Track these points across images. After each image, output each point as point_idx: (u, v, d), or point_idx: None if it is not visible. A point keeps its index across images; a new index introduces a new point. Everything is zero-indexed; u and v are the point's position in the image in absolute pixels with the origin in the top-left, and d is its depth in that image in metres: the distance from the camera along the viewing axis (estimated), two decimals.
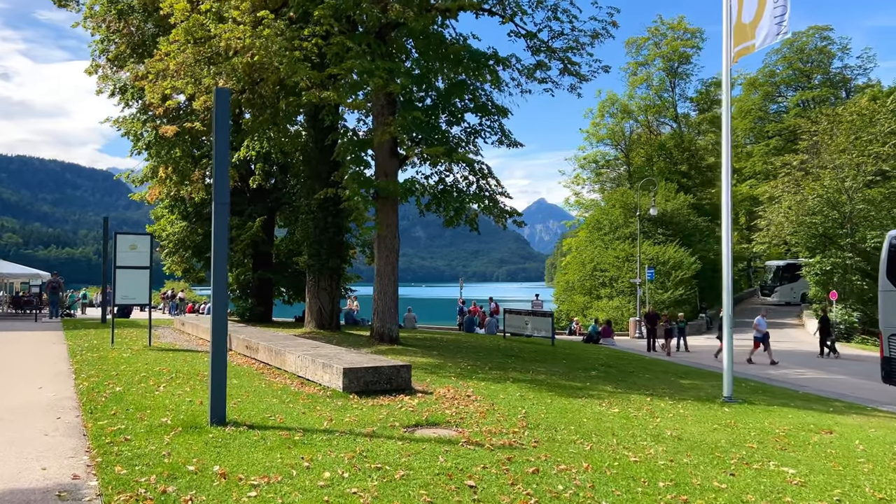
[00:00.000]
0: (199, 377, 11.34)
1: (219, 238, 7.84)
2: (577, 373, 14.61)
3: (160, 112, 15.85)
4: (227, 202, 7.96)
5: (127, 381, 10.76)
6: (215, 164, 7.94)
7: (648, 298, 35.72)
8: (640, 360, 19.02)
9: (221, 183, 7.92)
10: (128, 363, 12.95)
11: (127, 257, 16.02)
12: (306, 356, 11.43)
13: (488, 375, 12.86)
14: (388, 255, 17.61)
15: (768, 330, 26.08)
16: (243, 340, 15.02)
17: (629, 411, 9.79)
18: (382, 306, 17.60)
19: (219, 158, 7.92)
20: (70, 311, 35.99)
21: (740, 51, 11.47)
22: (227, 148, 7.99)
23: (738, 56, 11.51)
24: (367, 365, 10.22)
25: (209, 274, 31.65)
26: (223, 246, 7.90)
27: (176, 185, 20.10)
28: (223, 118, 7.95)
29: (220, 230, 7.85)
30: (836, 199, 38.95)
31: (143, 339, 18.08)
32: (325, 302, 21.23)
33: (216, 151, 7.91)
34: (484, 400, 9.88)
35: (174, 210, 27.11)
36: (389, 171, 17.52)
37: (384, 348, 16.70)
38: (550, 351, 19.41)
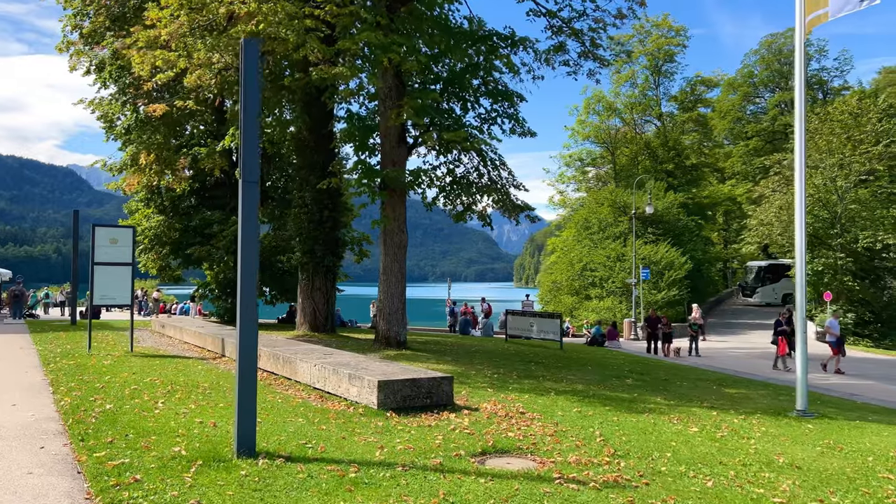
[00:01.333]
0: (200, 390, 9.77)
1: (247, 228, 6.33)
2: (611, 381, 13.30)
3: (147, 88, 14.15)
4: (257, 180, 6.45)
5: (116, 395, 9.16)
6: (243, 133, 6.43)
7: (643, 299, 34.72)
8: (661, 365, 17.80)
9: (250, 156, 6.41)
10: (112, 372, 11.31)
11: (106, 252, 14.32)
12: (325, 365, 9.93)
13: (523, 386, 11.49)
14: (396, 252, 16.14)
15: None
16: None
17: (708, 430, 8.49)
18: (389, 307, 16.12)
19: (247, 126, 6.41)
20: (33, 311, 33.82)
21: (813, 19, 10.29)
22: (256, 113, 6.48)
23: (811, 25, 10.33)
24: (404, 377, 8.76)
25: (187, 273, 29.88)
26: (253, 238, 6.39)
27: (157, 173, 18.35)
28: (251, 76, 6.44)
29: (249, 218, 6.34)
30: (826, 199, 38.37)
31: (123, 344, 16.37)
32: (319, 302, 19.65)
33: (244, 117, 6.40)
34: (544, 419, 8.49)
35: (150, 203, 25.22)
36: (398, 159, 16.05)
37: (392, 353, 15.23)
38: (566, 355, 18.11)
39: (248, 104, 6.40)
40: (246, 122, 6.39)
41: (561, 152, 55.41)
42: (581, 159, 55.10)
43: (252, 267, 6.35)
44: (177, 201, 26.42)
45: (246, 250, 6.31)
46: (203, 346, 15.73)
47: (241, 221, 6.32)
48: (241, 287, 6.29)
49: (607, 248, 40.12)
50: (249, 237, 6.35)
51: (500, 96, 16.55)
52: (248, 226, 6.34)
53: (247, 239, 6.32)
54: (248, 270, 6.31)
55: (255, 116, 6.45)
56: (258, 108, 6.52)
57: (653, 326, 24.10)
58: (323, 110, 19.81)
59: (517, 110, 16.81)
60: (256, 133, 6.47)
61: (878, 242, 36.65)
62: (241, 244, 6.32)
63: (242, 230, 6.32)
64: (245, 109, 6.39)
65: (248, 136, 6.41)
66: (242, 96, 6.40)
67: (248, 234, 6.35)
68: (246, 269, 6.29)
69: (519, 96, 16.81)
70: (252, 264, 6.35)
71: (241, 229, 6.32)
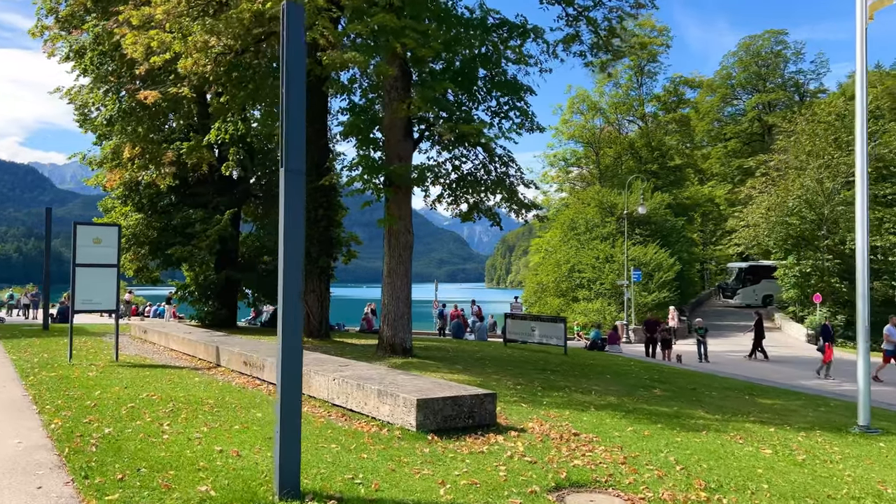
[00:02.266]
0: (206, 408, 8.70)
1: (291, 223, 5.33)
2: (639, 392, 12.48)
3: (141, 71, 12.93)
4: (302, 170, 5.46)
5: (113, 416, 8.07)
6: (286, 115, 5.42)
7: (634, 301, 34.12)
8: (676, 372, 17.04)
9: (294, 142, 5.41)
10: (100, 386, 10.17)
11: (89, 253, 13.12)
12: (346, 380, 8.93)
13: (555, 399, 10.60)
14: (402, 253, 15.16)
15: None
16: (238, 354, 12.34)
17: (781, 452, 7.68)
18: (395, 312, 15.12)
19: (291, 107, 5.41)
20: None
21: (875, 3, 9.54)
22: (301, 92, 5.48)
23: (873, 9, 9.58)
24: (444, 395, 7.80)
25: (165, 274, 28.50)
26: (297, 235, 5.39)
27: (140, 168, 17.11)
28: (296, 46, 5.44)
29: (294, 214, 5.34)
30: (814, 200, 38.18)
31: (105, 352, 15.15)
32: (313, 306, 18.57)
33: (287, 96, 5.39)
34: (603, 441, 7.60)
35: (128, 201, 23.84)
36: (403, 154, 15.06)
37: (399, 361, 14.25)
38: (575, 362, 17.28)
39: (292, 81, 5.40)
40: (290, 102, 5.39)
41: (545, 152, 54.82)
42: (565, 159, 54.48)
43: (297, 272, 5.35)
44: (155, 199, 25.07)
45: (289, 252, 5.31)
46: (194, 354, 14.59)
47: (284, 219, 5.32)
48: (283, 297, 5.29)
49: (595, 249, 39.47)
50: (294, 236, 5.35)
51: (508, 89, 15.65)
52: (293, 224, 5.34)
53: (290, 237, 5.32)
54: (292, 278, 5.31)
55: (301, 96, 5.45)
56: (304, 85, 5.52)
57: (651, 330, 23.39)
58: (317, 103, 18.78)
59: (527, 104, 15.93)
60: (302, 115, 5.47)
61: None
62: (285, 246, 5.31)
63: (286, 228, 5.32)
64: (289, 87, 5.38)
65: (293, 119, 5.41)
66: (285, 72, 5.39)
67: (293, 232, 5.35)
68: (290, 276, 5.29)
69: (528, 89, 15.93)
70: (297, 269, 5.35)
71: (285, 227, 5.31)
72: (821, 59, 67.89)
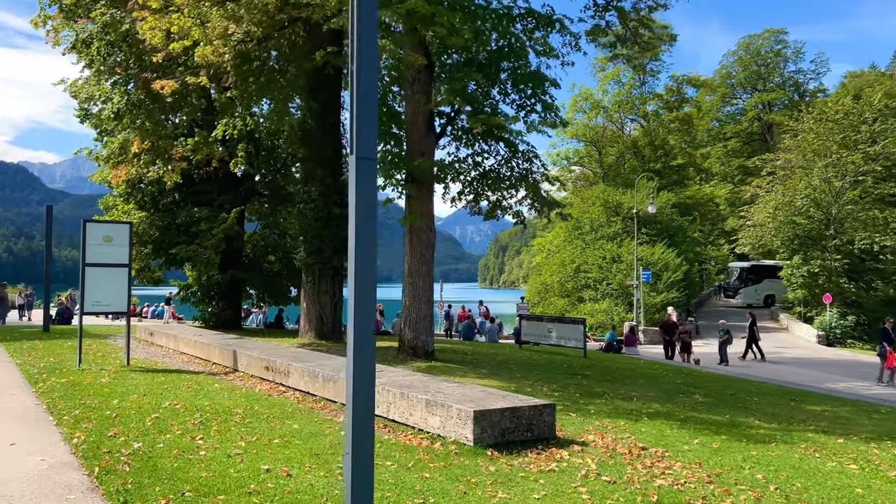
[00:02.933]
0: (236, 419, 8.07)
1: (363, 219, 4.70)
2: (678, 398, 11.92)
3: (158, 59, 12.23)
4: (374, 157, 4.83)
5: (138, 428, 7.43)
6: (357, 97, 4.78)
7: (643, 301, 33.60)
8: (706, 376, 16.44)
9: (366, 126, 4.77)
10: (117, 394, 9.52)
11: (100, 252, 12.45)
12: (385, 388, 8.32)
13: (601, 408, 10.01)
14: (424, 252, 14.54)
15: None
16: (258, 359, 11.70)
17: (865, 466, 7.11)
18: (416, 314, 14.50)
19: (363, 88, 4.77)
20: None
21: None
22: (375, 70, 4.84)
23: None
24: (500, 405, 7.19)
25: (168, 274, 27.77)
26: (369, 234, 4.77)
27: (147, 163, 16.42)
28: (369, 21, 4.81)
29: (365, 204, 4.72)
30: (822, 200, 37.77)
31: (114, 356, 14.50)
32: (326, 308, 17.92)
33: (358, 76, 4.76)
34: (677, 456, 7.02)
35: (130, 199, 23.10)
36: (426, 149, 14.44)
37: (423, 365, 13.64)
38: (600, 365, 16.70)
39: (365, 57, 4.76)
40: (361, 81, 4.76)
41: (548, 150, 54.14)
42: (568, 158, 53.96)
43: (369, 280, 4.73)
44: (158, 196, 24.36)
45: (361, 257, 4.69)
46: (207, 358, 13.93)
47: (355, 215, 4.69)
48: (355, 309, 4.66)
49: (601, 248, 38.91)
50: (366, 234, 4.73)
51: (532, 81, 15.04)
52: (365, 218, 4.72)
53: (363, 235, 4.70)
54: (365, 286, 4.69)
55: (374, 74, 4.81)
56: (377, 62, 4.90)
57: (669, 333, 22.83)
58: (330, 97, 18.17)
59: (552, 97, 15.35)
60: (375, 96, 4.84)
61: (874, 244, 36.08)
62: (356, 250, 4.69)
63: (358, 225, 4.69)
64: (360, 65, 4.75)
65: (365, 101, 4.78)
66: (356, 48, 4.76)
67: (364, 227, 4.73)
68: (362, 285, 4.67)
69: (553, 82, 15.34)
70: (369, 276, 4.73)
71: (357, 224, 4.68)
72: (820, 59, 67.73)
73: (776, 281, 49.06)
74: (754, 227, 40.72)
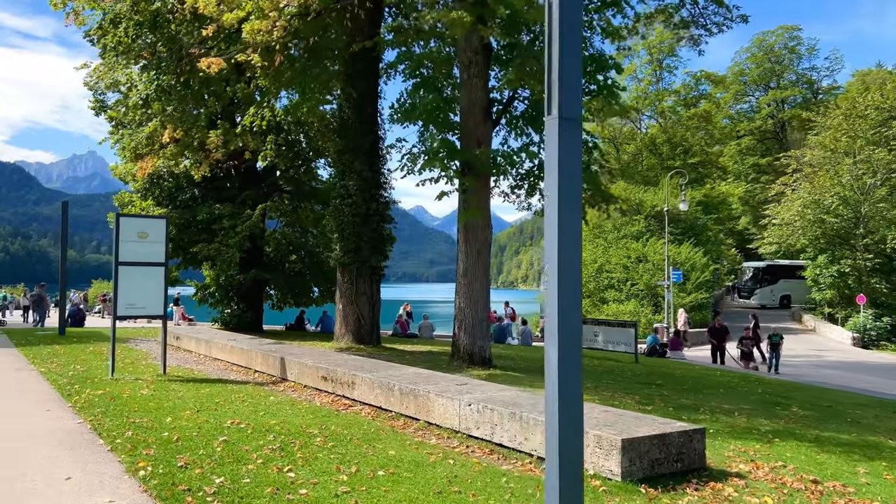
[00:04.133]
0: (317, 443, 6.95)
1: (567, 192, 3.57)
2: (777, 410, 10.80)
3: (209, 32, 11.01)
4: (579, 118, 3.69)
5: (209, 455, 6.29)
6: (559, 45, 3.64)
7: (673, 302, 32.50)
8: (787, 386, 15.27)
9: (570, 81, 3.63)
10: (166, 410, 8.38)
11: (134, 250, 11.30)
12: (487, 406, 7.17)
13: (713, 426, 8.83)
14: (480, 250, 13.39)
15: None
16: (313, 368, 10.55)
17: None
18: (472, 317, 13.35)
19: (565, 36, 3.63)
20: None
21: None
22: (578, 16, 3.70)
23: None
24: (648, 432, 6.05)
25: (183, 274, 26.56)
26: (572, 208, 3.62)
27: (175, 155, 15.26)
28: None
29: (569, 175, 3.58)
30: (850, 198, 36.68)
31: (144, 362, 13.36)
32: (364, 309, 16.76)
33: (561, 23, 3.61)
34: (862, 493, 5.89)
35: (148, 195, 21.89)
36: (482, 137, 13.29)
37: (482, 373, 12.50)
38: (661, 372, 15.60)
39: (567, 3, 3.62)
40: (564, 29, 3.62)
41: None
42: None
43: (574, 265, 3.60)
44: (175, 192, 23.18)
45: (566, 244, 3.55)
46: (248, 365, 12.77)
47: (558, 188, 3.55)
48: (559, 312, 3.53)
49: (624, 248, 37.78)
50: (571, 212, 3.59)
51: (595, 65, 13.87)
52: (569, 194, 3.58)
53: (568, 213, 3.56)
54: (570, 277, 3.55)
55: (578, 23, 3.67)
56: (581, 8, 3.76)
57: (719, 337, 21.68)
58: (368, 86, 17.02)
59: (615, 83, 14.20)
60: (579, 49, 3.69)
61: None
62: (560, 236, 3.55)
63: (561, 199, 3.55)
64: (563, 11, 3.61)
65: (568, 52, 3.63)
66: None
67: (567, 207, 3.58)
68: (566, 275, 3.54)
69: (616, 66, 14.21)
70: (574, 260, 3.59)
71: (559, 198, 3.55)
72: (835, 56, 66.90)
73: (792, 281, 47.96)
74: (780, 225, 39.59)
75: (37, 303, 25.68)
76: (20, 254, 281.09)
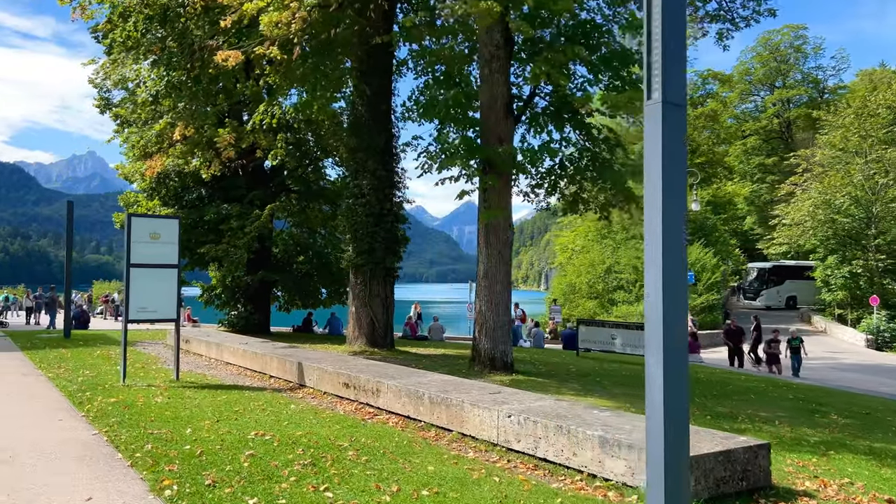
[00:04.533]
0: (350, 454, 6.54)
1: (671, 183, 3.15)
2: (816, 418, 10.38)
3: (227, 23, 10.53)
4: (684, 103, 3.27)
5: (236, 471, 5.87)
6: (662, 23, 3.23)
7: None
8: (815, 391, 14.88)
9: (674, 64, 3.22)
10: (185, 421, 7.94)
11: (146, 251, 10.87)
12: (530, 418, 6.73)
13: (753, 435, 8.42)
14: (502, 251, 12.96)
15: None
16: (333, 374, 10.12)
17: None
18: (494, 321, 12.92)
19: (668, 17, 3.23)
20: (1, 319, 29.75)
21: None
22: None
23: None
24: (713, 449, 5.62)
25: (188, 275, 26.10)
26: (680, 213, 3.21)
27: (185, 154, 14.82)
28: None
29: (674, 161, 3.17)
30: (863, 197, 36.27)
31: (154, 367, 12.95)
32: (378, 312, 16.33)
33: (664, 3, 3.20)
34: None
35: (154, 195, 21.44)
36: (504, 135, 12.86)
37: (505, 379, 12.09)
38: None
39: None
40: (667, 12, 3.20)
41: None
42: None
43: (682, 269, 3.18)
44: (181, 192, 22.77)
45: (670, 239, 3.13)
46: (262, 370, 12.34)
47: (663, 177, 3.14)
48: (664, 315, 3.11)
49: (633, 248, 37.34)
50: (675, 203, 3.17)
51: (620, 60, 13.45)
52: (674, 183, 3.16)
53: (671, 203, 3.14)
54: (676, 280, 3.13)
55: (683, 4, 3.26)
56: None
57: (735, 339, 21.26)
58: (382, 82, 16.60)
59: (640, 79, 13.76)
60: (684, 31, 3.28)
61: None
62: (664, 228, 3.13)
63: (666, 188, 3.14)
64: None
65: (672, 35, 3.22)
66: None
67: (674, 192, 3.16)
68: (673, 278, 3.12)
69: (640, 62, 13.77)
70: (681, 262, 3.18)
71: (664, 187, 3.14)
72: (841, 55, 66.23)
73: (799, 282, 47.52)
74: (790, 225, 39.17)
75: (49, 305, 25.74)
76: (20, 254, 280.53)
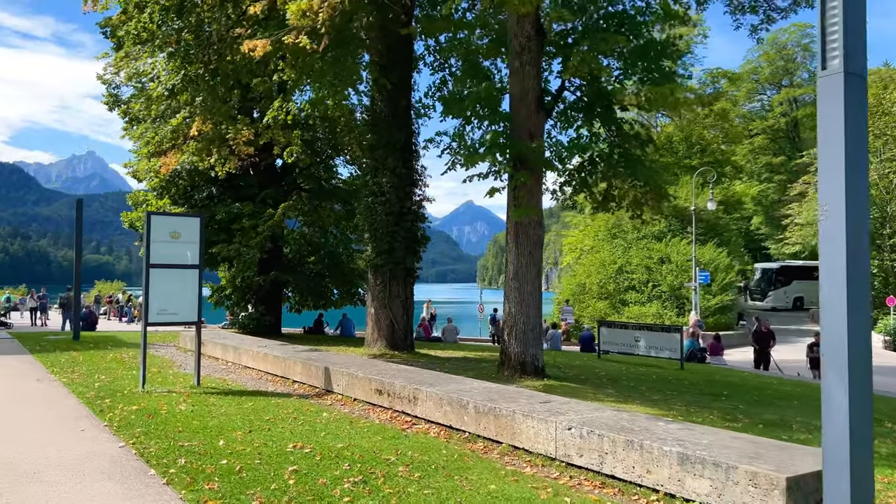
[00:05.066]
0: (401, 470, 6.05)
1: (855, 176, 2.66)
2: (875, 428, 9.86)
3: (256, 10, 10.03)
4: (865, 74, 2.78)
5: (282, 489, 5.41)
6: None
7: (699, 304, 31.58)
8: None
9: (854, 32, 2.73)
10: (215, 431, 7.45)
11: (166, 251, 10.37)
12: (594, 431, 6.24)
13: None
14: (532, 251, 12.46)
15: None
16: (364, 380, 9.63)
17: None
18: (524, 323, 12.42)
19: None
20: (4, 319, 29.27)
21: None
22: None
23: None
24: (811, 468, 5.13)
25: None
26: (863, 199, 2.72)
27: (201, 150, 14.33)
28: None
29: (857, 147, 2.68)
30: (877, 197, 35.81)
31: (172, 371, 12.47)
32: (398, 313, 15.84)
33: None
34: None
35: (164, 193, 20.94)
36: (535, 129, 12.36)
37: (538, 384, 11.59)
38: (716, 380, 14.69)
39: None
40: None
41: None
42: None
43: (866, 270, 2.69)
44: (190, 191, 22.27)
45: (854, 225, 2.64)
46: (284, 374, 11.84)
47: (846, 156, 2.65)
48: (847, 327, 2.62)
49: (646, 248, 36.83)
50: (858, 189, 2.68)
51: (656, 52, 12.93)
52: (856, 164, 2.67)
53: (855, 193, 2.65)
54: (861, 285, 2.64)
55: None
56: None
57: (762, 342, 20.74)
58: (402, 77, 16.11)
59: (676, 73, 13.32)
60: None
61: None
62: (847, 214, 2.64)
63: (850, 169, 2.65)
64: None
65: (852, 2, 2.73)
66: None
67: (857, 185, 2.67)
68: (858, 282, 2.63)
69: (676, 52, 13.33)
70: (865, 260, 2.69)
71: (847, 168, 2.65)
72: None
73: (806, 282, 46.96)
74: (803, 225, 38.72)
75: (65, 306, 26.01)
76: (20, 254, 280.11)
